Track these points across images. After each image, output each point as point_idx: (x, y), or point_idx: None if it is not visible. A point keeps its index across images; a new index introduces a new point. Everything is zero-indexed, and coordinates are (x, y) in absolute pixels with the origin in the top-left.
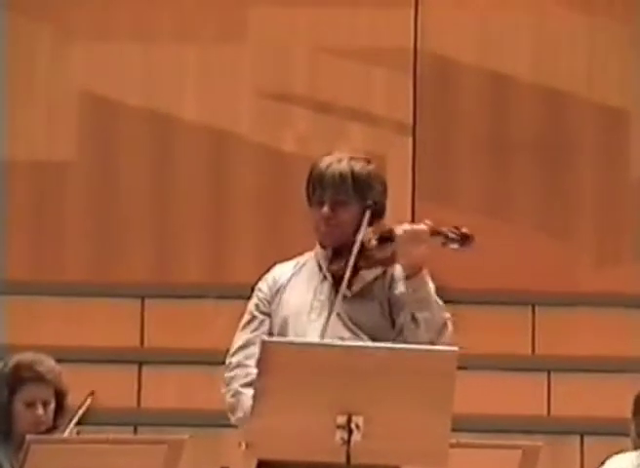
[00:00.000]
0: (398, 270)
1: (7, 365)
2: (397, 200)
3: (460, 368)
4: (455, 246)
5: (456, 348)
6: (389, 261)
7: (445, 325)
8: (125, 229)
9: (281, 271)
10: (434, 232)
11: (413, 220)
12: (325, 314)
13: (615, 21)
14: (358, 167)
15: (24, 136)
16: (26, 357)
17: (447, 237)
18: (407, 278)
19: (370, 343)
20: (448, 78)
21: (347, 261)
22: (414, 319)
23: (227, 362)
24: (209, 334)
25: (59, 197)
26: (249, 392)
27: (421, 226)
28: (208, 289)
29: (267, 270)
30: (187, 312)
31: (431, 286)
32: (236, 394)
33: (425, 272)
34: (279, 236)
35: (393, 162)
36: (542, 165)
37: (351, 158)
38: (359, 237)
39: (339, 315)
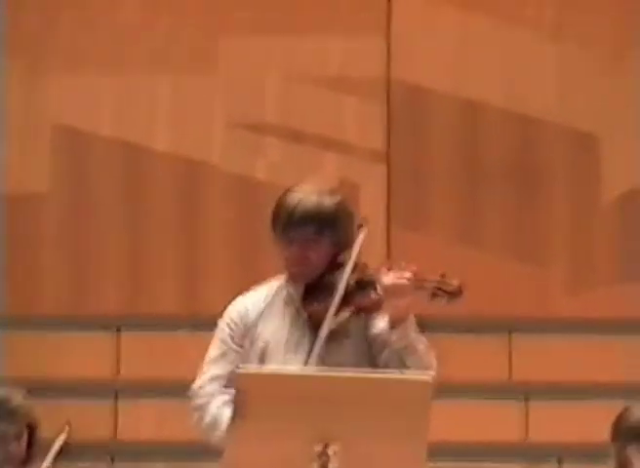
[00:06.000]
0: None
1: None
2: (372, 228)
3: (437, 395)
4: (443, 301)
5: (430, 376)
6: (374, 309)
7: (431, 363)
8: (98, 261)
9: (252, 304)
10: (419, 285)
11: (388, 249)
12: (301, 353)
13: (583, 49)
14: (326, 202)
15: None
16: None
17: (433, 294)
18: (392, 327)
19: (345, 372)
20: (420, 106)
21: (322, 301)
22: (402, 363)
23: (196, 389)
24: (184, 365)
25: (32, 229)
26: (227, 412)
27: (404, 280)
28: (182, 319)
29: (232, 301)
30: (162, 343)
31: (415, 331)
32: (216, 413)
33: (410, 320)
34: (252, 266)
35: (368, 190)
36: (515, 191)
37: (319, 192)
38: (341, 285)
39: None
